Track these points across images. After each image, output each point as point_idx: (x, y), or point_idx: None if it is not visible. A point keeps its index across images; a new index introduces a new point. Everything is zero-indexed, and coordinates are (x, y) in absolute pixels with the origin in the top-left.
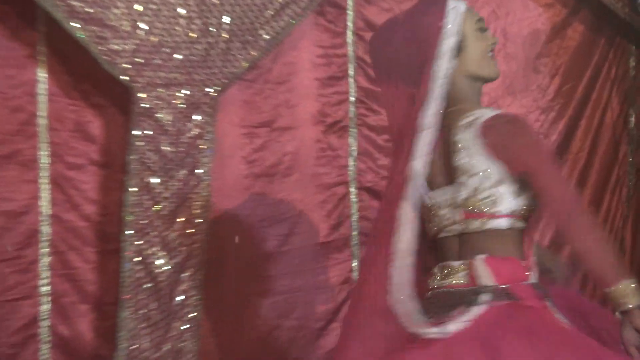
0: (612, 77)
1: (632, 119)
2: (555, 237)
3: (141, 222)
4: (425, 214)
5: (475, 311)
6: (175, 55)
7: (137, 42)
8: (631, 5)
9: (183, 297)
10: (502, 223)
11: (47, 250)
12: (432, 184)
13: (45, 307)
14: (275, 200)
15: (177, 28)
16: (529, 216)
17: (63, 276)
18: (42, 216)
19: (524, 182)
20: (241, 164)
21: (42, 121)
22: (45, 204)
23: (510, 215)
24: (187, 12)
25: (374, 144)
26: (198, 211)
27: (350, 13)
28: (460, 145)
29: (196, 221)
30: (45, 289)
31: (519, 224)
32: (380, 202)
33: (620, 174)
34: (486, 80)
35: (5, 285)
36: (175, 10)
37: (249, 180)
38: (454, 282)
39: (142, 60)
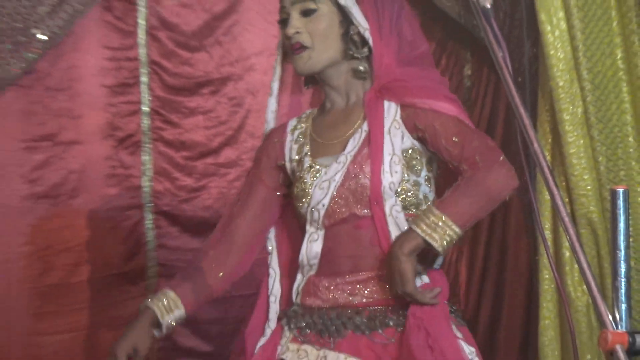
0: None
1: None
2: None
3: None
4: None
5: None
6: None
7: None
8: (463, 4)
9: None
10: None
11: None
12: None
13: None
14: (57, 226)
15: None
16: None
17: None
18: None
19: None
20: (20, 185)
21: None
22: None
23: None
24: None
25: (172, 161)
26: None
27: (142, 9)
28: None
29: None
30: None
31: None
32: None
33: None
34: None
35: None
36: None
37: (29, 202)
38: None
39: None
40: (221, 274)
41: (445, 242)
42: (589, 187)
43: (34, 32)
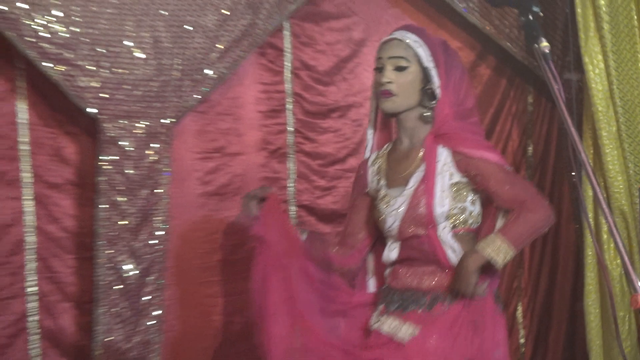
0: (513, 112)
1: (530, 149)
2: None
3: (111, 234)
4: None
5: None
6: (134, 92)
7: (101, 80)
8: (527, 50)
9: (149, 297)
10: None
11: (34, 257)
12: None
13: (32, 305)
14: (226, 215)
15: (135, 69)
16: None
17: (47, 279)
18: (27, 227)
19: None
20: (196, 185)
21: (23, 147)
22: (29, 218)
23: None
24: (144, 55)
25: (309, 168)
26: (159, 225)
27: (288, 55)
28: None
29: (157, 233)
30: (32, 289)
31: None
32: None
33: None
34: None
35: None
36: (133, 54)
37: (203, 198)
38: None
39: (107, 96)
40: (336, 250)
41: (504, 262)
42: (621, 186)
43: (207, 72)
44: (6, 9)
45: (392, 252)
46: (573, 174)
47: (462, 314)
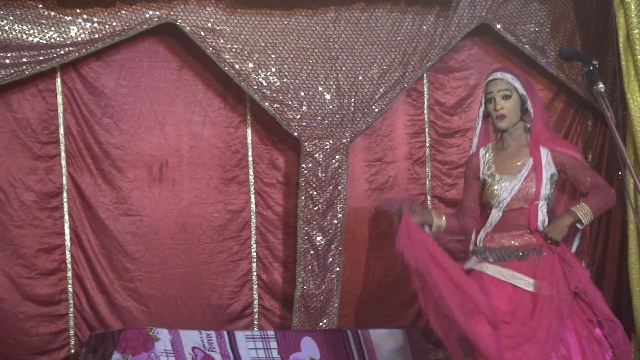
0: (578, 132)
1: (590, 156)
2: None
3: (307, 216)
4: None
5: None
6: (324, 121)
7: (302, 113)
8: (588, 90)
9: (331, 259)
10: None
11: (255, 232)
12: None
13: (254, 265)
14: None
15: (324, 106)
16: None
17: (264, 247)
18: (252, 213)
19: None
20: (364, 183)
21: (250, 159)
22: (252, 206)
23: None
24: (330, 96)
25: (440, 171)
26: (339, 210)
27: (426, 95)
28: None
29: (338, 215)
30: (253, 254)
31: None
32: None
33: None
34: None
35: (231, 252)
36: (324, 95)
37: (368, 192)
38: None
39: (305, 124)
40: (462, 219)
41: (586, 224)
42: None
43: (373, 108)
44: (241, 67)
45: (495, 218)
46: (620, 173)
47: (553, 258)
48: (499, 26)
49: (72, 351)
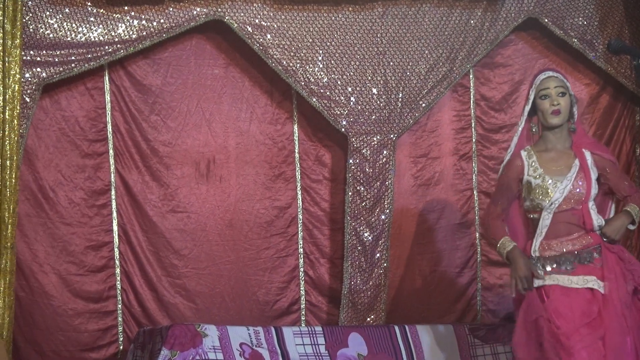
0: (625, 126)
1: (638, 151)
2: None
3: (354, 212)
4: None
5: None
6: (371, 117)
7: (349, 109)
8: (637, 83)
9: (379, 255)
10: None
11: (302, 228)
12: None
13: (300, 261)
14: (430, 199)
15: (372, 101)
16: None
17: (311, 243)
18: (299, 209)
19: None
20: (410, 179)
21: (296, 155)
22: (299, 202)
23: None
24: (377, 91)
25: (486, 165)
26: (386, 205)
27: (472, 90)
28: None
29: (386, 211)
30: (300, 250)
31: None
32: None
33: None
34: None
35: (278, 248)
36: (372, 90)
37: (414, 188)
38: None
39: (353, 119)
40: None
41: (638, 220)
42: None
43: (420, 103)
44: (288, 63)
45: (546, 220)
46: None
47: (613, 257)
48: (546, 20)
49: (121, 347)
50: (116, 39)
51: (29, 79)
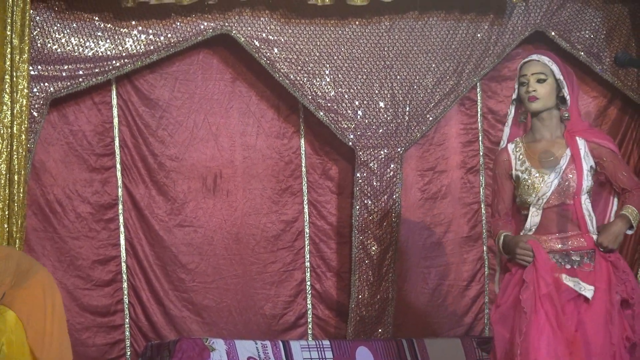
0: (633, 137)
1: None
2: None
3: (362, 225)
4: None
5: None
6: (379, 130)
7: (356, 122)
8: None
9: (386, 268)
10: None
11: (308, 242)
12: None
13: (307, 275)
14: (437, 212)
15: (379, 115)
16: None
17: (317, 256)
18: (305, 223)
19: None
20: (417, 192)
21: (303, 169)
22: (306, 216)
23: None
24: (384, 105)
25: None
26: (394, 219)
27: (479, 103)
28: None
29: (393, 225)
30: (307, 263)
31: None
32: None
33: None
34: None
35: (285, 262)
36: (379, 103)
37: (422, 201)
38: None
39: (360, 133)
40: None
41: (635, 228)
42: None
43: (427, 117)
44: (295, 77)
45: (535, 218)
46: None
47: (607, 266)
48: (553, 33)
49: None
50: (123, 54)
51: (37, 94)
